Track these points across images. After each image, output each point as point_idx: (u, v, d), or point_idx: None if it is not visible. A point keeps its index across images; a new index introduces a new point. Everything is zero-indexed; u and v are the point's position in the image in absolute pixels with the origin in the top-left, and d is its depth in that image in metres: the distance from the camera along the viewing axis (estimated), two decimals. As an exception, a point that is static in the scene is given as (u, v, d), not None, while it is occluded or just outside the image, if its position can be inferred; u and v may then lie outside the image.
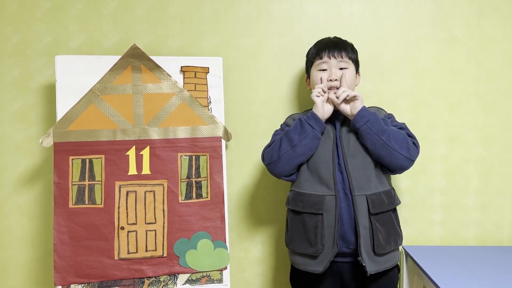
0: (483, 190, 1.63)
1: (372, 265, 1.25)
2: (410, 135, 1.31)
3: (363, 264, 1.23)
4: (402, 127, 1.33)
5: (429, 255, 1.47)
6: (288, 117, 1.44)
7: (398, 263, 1.37)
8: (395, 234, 1.31)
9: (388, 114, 1.39)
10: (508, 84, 1.62)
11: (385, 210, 1.29)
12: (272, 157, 1.31)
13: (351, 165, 1.27)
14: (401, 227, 1.37)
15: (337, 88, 1.31)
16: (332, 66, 1.33)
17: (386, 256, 1.29)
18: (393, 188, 1.37)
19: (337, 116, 1.34)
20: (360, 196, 1.26)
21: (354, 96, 1.27)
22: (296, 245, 1.33)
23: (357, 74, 1.41)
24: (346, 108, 1.29)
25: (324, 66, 1.34)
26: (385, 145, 1.24)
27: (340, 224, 1.26)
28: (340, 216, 1.26)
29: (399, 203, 1.37)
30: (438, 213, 1.63)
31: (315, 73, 1.36)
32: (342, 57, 1.34)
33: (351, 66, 1.36)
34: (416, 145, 1.30)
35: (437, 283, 1.24)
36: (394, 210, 1.35)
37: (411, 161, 1.28)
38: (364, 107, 1.28)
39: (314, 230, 1.27)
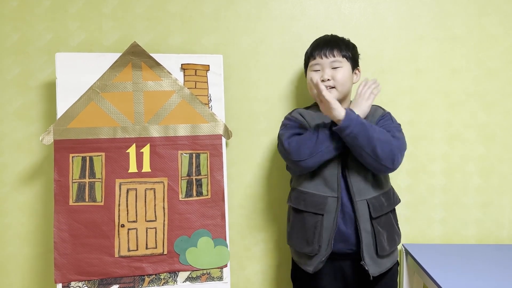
0: (483, 188, 1.63)
1: (375, 268, 1.26)
2: (399, 146, 1.24)
3: (366, 268, 1.23)
4: (390, 130, 1.27)
5: (429, 253, 1.47)
6: (294, 110, 1.40)
7: (398, 259, 1.38)
8: (395, 234, 1.32)
9: (385, 113, 1.34)
10: (508, 83, 1.62)
11: (385, 212, 1.29)
12: (304, 155, 1.23)
13: (351, 169, 1.27)
14: (402, 226, 1.38)
15: (331, 87, 1.30)
16: (324, 67, 1.32)
17: (388, 257, 1.30)
18: (392, 187, 1.37)
19: None
20: (361, 201, 1.25)
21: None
22: (294, 243, 1.34)
23: (356, 71, 1.38)
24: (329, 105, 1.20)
25: (317, 67, 1.33)
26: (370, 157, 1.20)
27: (343, 226, 1.26)
28: (343, 218, 1.26)
29: (399, 201, 1.37)
30: (438, 212, 1.63)
31: (309, 74, 1.35)
32: (334, 56, 1.31)
33: (346, 64, 1.33)
34: (401, 154, 1.25)
35: (437, 281, 1.25)
36: (393, 210, 1.36)
37: (393, 170, 1.25)
38: (348, 113, 1.19)
39: (313, 230, 1.27)
